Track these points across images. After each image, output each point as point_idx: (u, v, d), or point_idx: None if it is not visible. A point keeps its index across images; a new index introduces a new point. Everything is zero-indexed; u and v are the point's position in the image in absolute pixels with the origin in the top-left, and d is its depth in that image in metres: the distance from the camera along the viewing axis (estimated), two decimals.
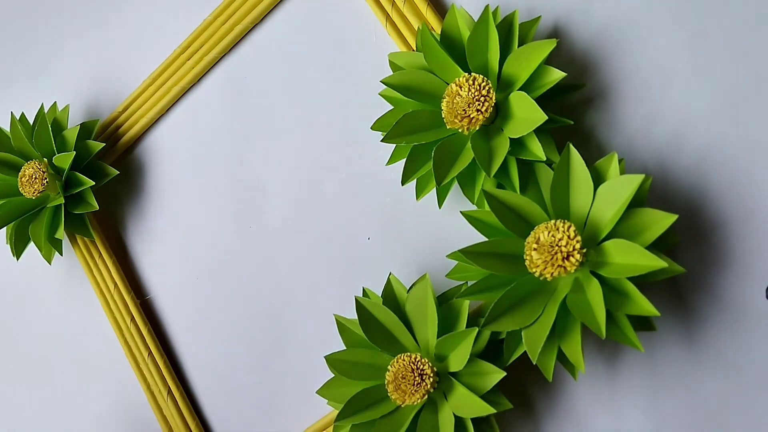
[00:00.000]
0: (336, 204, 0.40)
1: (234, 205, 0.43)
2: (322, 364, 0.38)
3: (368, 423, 0.32)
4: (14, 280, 0.50)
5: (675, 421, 0.32)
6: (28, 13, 0.50)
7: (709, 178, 0.32)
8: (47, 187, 0.42)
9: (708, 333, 0.32)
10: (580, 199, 0.30)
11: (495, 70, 0.32)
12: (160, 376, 0.43)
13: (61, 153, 0.42)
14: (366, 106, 0.38)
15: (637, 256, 0.27)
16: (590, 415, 0.34)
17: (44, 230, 0.43)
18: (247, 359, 0.42)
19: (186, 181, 0.44)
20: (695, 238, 0.32)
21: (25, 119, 0.45)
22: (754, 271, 0.31)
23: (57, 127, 0.44)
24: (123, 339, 0.44)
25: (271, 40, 0.42)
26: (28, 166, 0.42)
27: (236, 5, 0.42)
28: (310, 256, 0.40)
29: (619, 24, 0.34)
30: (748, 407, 0.31)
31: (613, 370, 0.33)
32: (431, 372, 0.31)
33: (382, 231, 0.38)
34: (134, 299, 0.44)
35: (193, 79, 0.43)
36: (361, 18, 0.39)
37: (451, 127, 0.32)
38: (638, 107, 0.33)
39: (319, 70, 0.40)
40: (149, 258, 0.45)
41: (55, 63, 0.49)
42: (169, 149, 0.45)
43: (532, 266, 0.29)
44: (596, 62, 0.34)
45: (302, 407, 0.40)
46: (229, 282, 0.43)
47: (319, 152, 0.40)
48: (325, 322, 0.39)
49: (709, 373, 0.31)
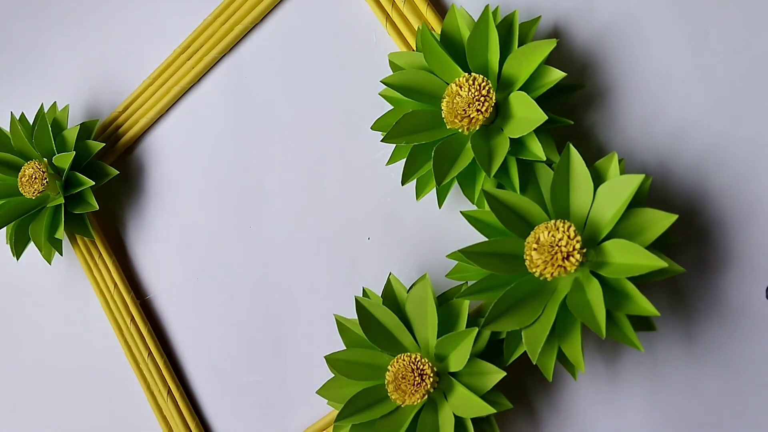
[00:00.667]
0: (336, 204, 0.40)
1: (234, 205, 0.43)
2: (322, 364, 0.38)
3: (368, 423, 0.32)
4: (14, 280, 0.50)
5: (675, 421, 0.32)
6: (28, 13, 0.50)
7: (709, 178, 0.32)
8: (47, 187, 0.42)
9: (708, 333, 0.32)
10: (580, 199, 0.30)
11: (495, 70, 0.32)
12: (160, 376, 0.43)
13: (61, 153, 0.42)
14: (366, 106, 0.38)
15: (637, 256, 0.27)
16: (590, 414, 0.34)
17: (44, 230, 0.43)
18: (247, 359, 0.42)
19: (186, 181, 0.44)
20: (695, 238, 0.32)
21: (24, 119, 0.45)
22: (754, 271, 0.31)
23: (57, 127, 0.44)
24: (123, 339, 0.44)
25: (271, 40, 0.42)
26: (28, 166, 0.42)
27: (236, 5, 0.42)
28: (310, 256, 0.40)
29: (620, 24, 0.34)
30: (748, 407, 0.31)
31: (613, 370, 0.33)
32: (431, 372, 0.31)
33: (382, 231, 0.38)
34: (134, 299, 0.44)
35: (193, 79, 0.43)
36: (361, 18, 0.39)
37: (451, 127, 0.32)
38: (638, 107, 0.33)
39: (319, 70, 0.40)
40: (149, 258, 0.45)
41: (55, 63, 0.49)
42: (169, 149, 0.45)
43: (532, 266, 0.29)
44: (596, 62, 0.34)
45: (302, 407, 0.40)
46: (229, 282, 0.43)
47: (319, 152, 0.40)
48: (325, 322, 0.39)
49: (709, 373, 0.31)
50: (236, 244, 0.42)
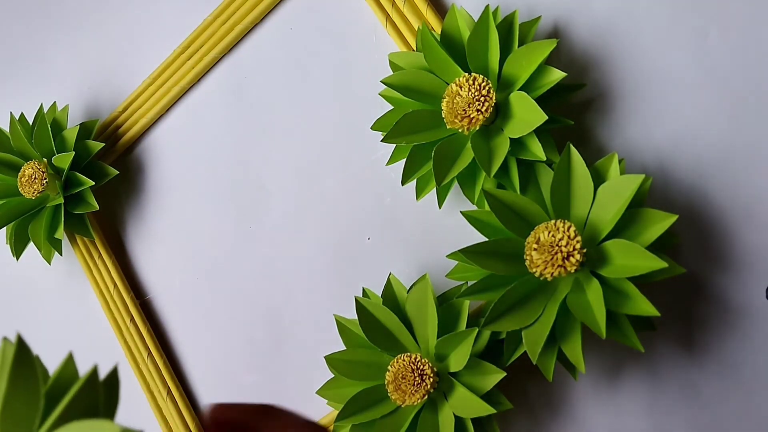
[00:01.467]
0: (336, 204, 0.40)
1: (234, 205, 0.43)
2: (322, 364, 0.38)
3: (368, 423, 0.32)
4: (14, 280, 0.50)
5: (675, 421, 0.32)
6: (28, 13, 0.50)
7: (709, 178, 0.32)
8: (47, 187, 0.42)
9: (708, 333, 0.32)
10: (580, 199, 0.30)
11: (495, 70, 0.32)
12: (160, 376, 0.43)
13: (61, 153, 0.42)
14: (366, 106, 0.38)
15: (638, 256, 0.27)
16: (590, 414, 0.34)
17: (44, 230, 0.43)
18: (247, 359, 0.42)
19: (186, 181, 0.44)
20: (695, 238, 0.32)
21: (24, 119, 0.45)
22: (754, 271, 0.31)
23: (56, 127, 0.44)
24: (123, 339, 0.44)
25: (271, 40, 0.42)
26: (28, 166, 0.42)
27: (236, 5, 0.42)
28: (310, 256, 0.40)
29: (620, 24, 0.34)
30: (748, 407, 0.31)
31: (613, 370, 0.33)
32: (431, 372, 0.31)
33: (382, 231, 0.38)
34: (134, 299, 0.44)
35: (193, 79, 0.43)
36: (361, 18, 0.39)
37: (451, 127, 0.32)
38: (638, 107, 0.33)
39: (319, 70, 0.40)
40: (149, 258, 0.45)
41: (54, 63, 0.49)
42: (169, 149, 0.45)
43: (533, 266, 0.29)
44: (596, 62, 0.34)
45: (302, 407, 0.40)
46: (229, 282, 0.43)
47: (319, 152, 0.40)
48: (325, 322, 0.39)
49: (709, 373, 0.31)
50: (236, 244, 0.42)
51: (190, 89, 0.44)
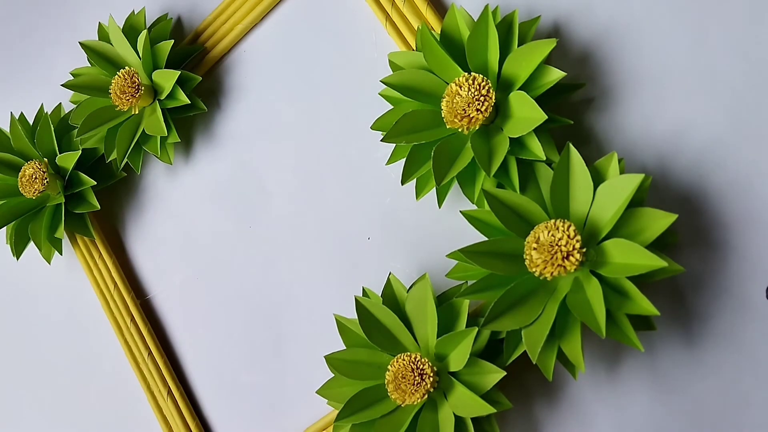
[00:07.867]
0: (336, 204, 0.40)
1: (234, 205, 0.43)
2: (322, 364, 0.38)
3: (368, 423, 0.32)
4: (14, 280, 0.50)
5: (675, 421, 0.32)
6: (28, 13, 0.50)
7: (709, 178, 0.32)
8: (47, 187, 0.42)
9: (708, 333, 0.32)
10: (579, 198, 0.30)
11: (495, 70, 0.32)
12: (160, 376, 0.43)
13: (65, 153, 0.42)
14: (366, 106, 0.38)
15: (637, 256, 0.27)
16: (590, 414, 0.34)
17: (44, 229, 0.43)
18: (247, 359, 0.42)
19: (186, 180, 0.44)
20: (695, 238, 0.32)
21: (24, 119, 0.45)
22: (754, 271, 0.31)
23: (62, 126, 0.44)
24: (123, 339, 0.44)
25: (270, 40, 0.42)
26: (28, 166, 0.42)
27: (236, 5, 0.42)
28: (310, 256, 0.40)
29: (619, 24, 0.34)
30: (748, 407, 0.31)
31: (613, 369, 0.33)
32: (431, 372, 0.31)
33: (382, 231, 0.38)
34: (134, 299, 0.44)
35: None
36: (361, 18, 0.39)
37: (450, 127, 0.32)
38: (638, 107, 0.33)
39: (318, 69, 0.40)
40: (149, 258, 0.45)
41: (55, 63, 0.49)
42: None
43: (532, 266, 0.29)
44: (596, 62, 0.34)
45: (302, 407, 0.40)
46: (229, 282, 0.43)
47: (319, 152, 0.40)
48: (325, 322, 0.39)
49: (709, 373, 0.31)
50: (236, 244, 0.42)
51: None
